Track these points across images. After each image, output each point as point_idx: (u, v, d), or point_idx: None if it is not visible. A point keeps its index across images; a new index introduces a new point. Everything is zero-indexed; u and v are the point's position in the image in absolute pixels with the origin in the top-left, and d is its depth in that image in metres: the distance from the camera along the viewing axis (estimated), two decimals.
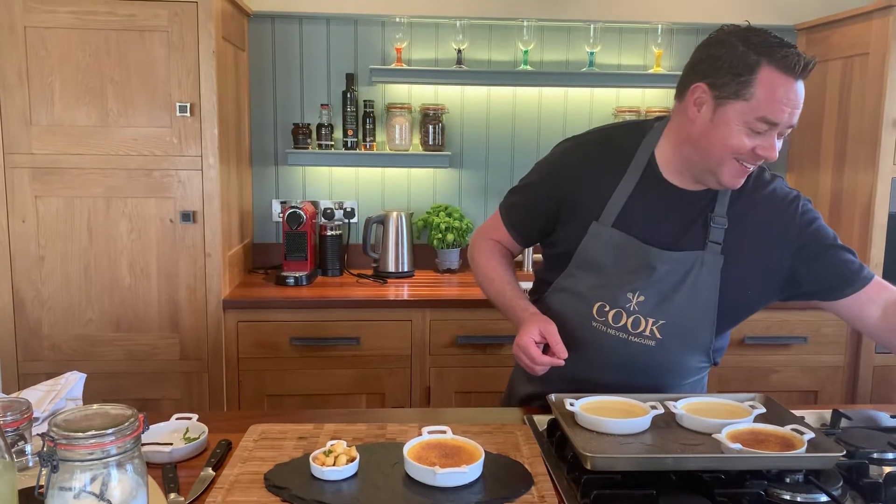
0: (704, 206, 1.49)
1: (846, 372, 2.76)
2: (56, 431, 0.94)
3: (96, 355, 2.57)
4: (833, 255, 1.49)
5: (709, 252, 1.47)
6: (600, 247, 1.51)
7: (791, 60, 1.33)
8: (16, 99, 2.45)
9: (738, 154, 1.39)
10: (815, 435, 1.27)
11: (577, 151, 1.60)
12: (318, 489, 1.19)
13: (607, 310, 1.50)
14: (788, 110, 1.34)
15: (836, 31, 2.91)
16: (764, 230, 1.49)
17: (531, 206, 1.63)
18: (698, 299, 1.48)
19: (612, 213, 1.50)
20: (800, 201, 1.52)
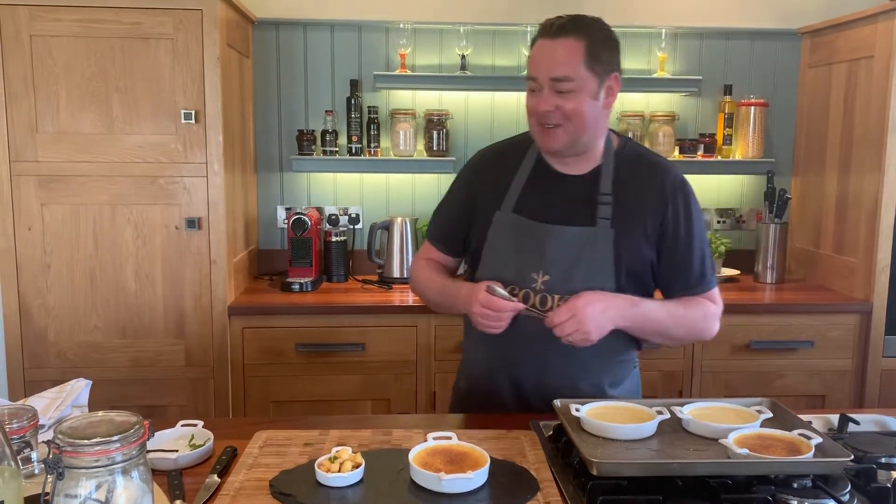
0: (591, 187, 1.61)
1: (853, 376, 2.75)
2: (62, 439, 0.94)
3: (102, 362, 2.57)
4: (687, 257, 1.62)
5: (599, 227, 1.58)
6: (503, 232, 1.63)
7: (546, 24, 1.56)
8: (21, 107, 2.46)
9: (530, 113, 1.59)
10: (823, 440, 1.27)
11: (479, 158, 1.77)
12: (324, 495, 1.19)
13: (516, 292, 1.59)
14: (542, 63, 1.54)
15: (841, 34, 2.91)
16: (645, 203, 1.61)
17: (448, 216, 1.78)
18: (596, 272, 1.58)
19: (511, 201, 1.64)
20: (684, 189, 1.65)
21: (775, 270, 3.05)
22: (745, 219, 3.31)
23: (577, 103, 1.53)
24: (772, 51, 3.23)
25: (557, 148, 1.58)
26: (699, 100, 3.24)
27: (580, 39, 1.52)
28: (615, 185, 1.60)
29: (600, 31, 1.57)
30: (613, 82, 1.58)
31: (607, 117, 1.63)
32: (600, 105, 1.57)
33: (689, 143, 3.15)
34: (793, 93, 3.24)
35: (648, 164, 1.66)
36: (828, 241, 3.01)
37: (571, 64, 1.51)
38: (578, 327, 1.47)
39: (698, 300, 1.64)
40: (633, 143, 1.72)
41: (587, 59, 1.52)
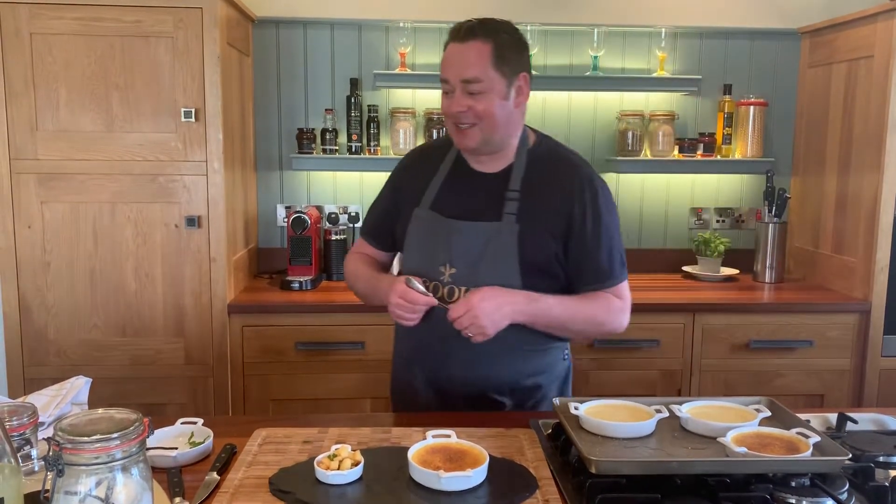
0: (501, 184, 1.66)
1: (852, 376, 2.75)
2: (62, 436, 0.94)
3: (102, 360, 2.57)
4: (594, 253, 1.65)
5: (504, 223, 1.62)
6: (418, 227, 1.70)
7: (455, 28, 1.62)
8: (21, 105, 2.46)
9: (445, 114, 1.64)
10: (821, 438, 1.27)
11: (407, 158, 1.87)
12: (323, 493, 1.19)
13: (427, 284, 1.64)
14: (453, 66, 1.60)
15: (841, 34, 2.91)
16: (552, 198, 1.65)
17: (377, 212, 1.85)
18: (501, 266, 1.61)
19: (429, 198, 1.70)
20: (592, 186, 1.67)
21: (774, 270, 3.06)
22: (744, 218, 3.31)
23: (488, 104, 1.58)
24: (771, 50, 3.23)
25: (472, 146, 1.63)
26: (699, 99, 3.24)
27: (487, 42, 1.58)
28: (524, 182, 1.65)
29: (507, 33, 1.62)
30: (523, 82, 1.63)
31: (521, 116, 1.68)
32: (511, 105, 1.62)
33: (689, 142, 3.15)
34: (792, 92, 3.24)
35: (558, 161, 1.71)
36: (827, 240, 3.01)
37: (479, 66, 1.57)
38: (473, 321, 1.51)
39: (602, 295, 1.67)
40: (550, 140, 1.76)
41: (494, 60, 1.57)
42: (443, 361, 1.68)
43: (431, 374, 1.71)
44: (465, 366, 1.67)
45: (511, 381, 1.69)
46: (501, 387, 1.69)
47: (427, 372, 1.72)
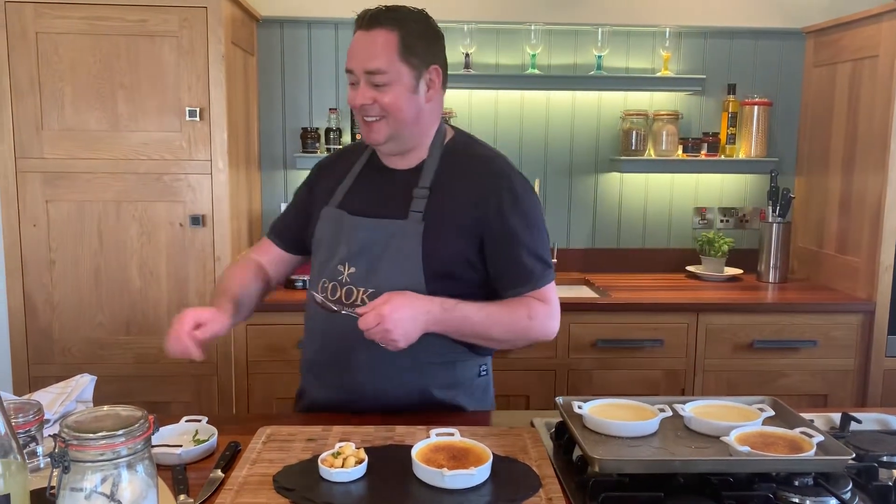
0: (413, 181, 1.58)
1: (856, 376, 2.75)
2: (67, 432, 0.94)
3: (107, 358, 2.58)
4: (515, 254, 1.55)
5: (409, 221, 1.53)
6: (324, 226, 1.63)
7: (360, 15, 1.52)
8: (27, 104, 2.47)
9: (351, 106, 1.55)
10: (824, 438, 1.27)
11: (325, 158, 1.81)
12: (327, 491, 1.20)
13: (326, 285, 1.57)
14: (357, 56, 1.51)
15: (846, 33, 2.91)
16: (462, 197, 1.55)
17: (288, 212, 1.78)
18: (401, 264, 1.52)
19: (338, 197, 1.63)
20: (509, 183, 1.56)
21: (778, 270, 3.05)
22: (748, 218, 3.31)
23: (394, 96, 1.49)
24: (776, 50, 3.23)
25: (380, 140, 1.54)
26: (703, 99, 3.24)
27: (393, 31, 1.48)
28: (435, 179, 1.56)
29: (417, 22, 1.52)
30: (434, 75, 1.54)
31: (436, 111, 1.58)
32: (421, 99, 1.52)
33: (693, 141, 3.15)
34: (797, 92, 3.24)
35: (472, 157, 1.60)
36: (831, 240, 3.01)
37: (385, 56, 1.47)
38: (384, 334, 1.39)
39: (524, 300, 1.55)
40: (467, 136, 1.67)
41: (401, 50, 1.48)
42: (349, 369, 1.56)
43: (338, 381, 1.59)
44: (373, 375, 1.55)
45: (420, 393, 1.58)
46: (411, 398, 1.58)
47: (333, 378, 1.60)
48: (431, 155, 1.59)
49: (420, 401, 1.58)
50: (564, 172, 3.26)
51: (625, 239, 3.31)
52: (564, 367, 2.69)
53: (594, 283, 3.05)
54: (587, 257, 3.29)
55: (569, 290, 3.12)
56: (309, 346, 1.67)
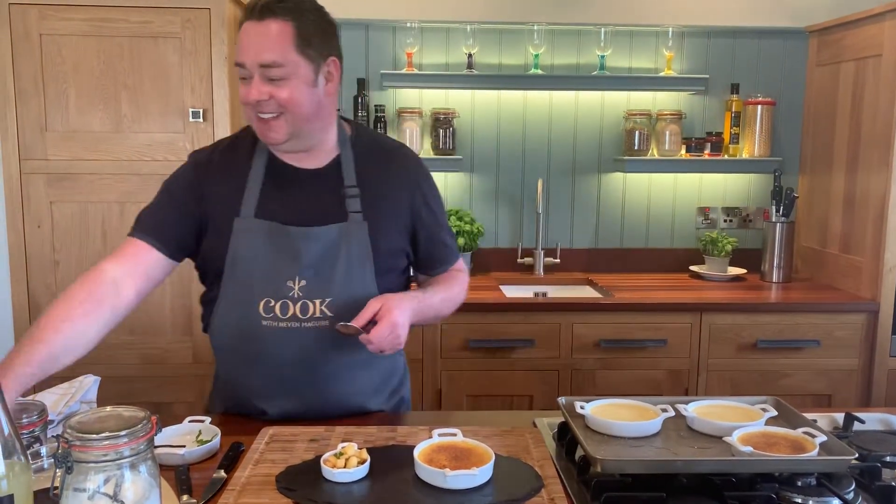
0: (333, 181, 1.53)
1: (860, 376, 2.74)
2: (71, 433, 0.95)
3: (110, 359, 2.59)
4: (440, 234, 1.64)
5: (352, 221, 1.50)
6: (249, 241, 1.48)
7: (250, 6, 1.42)
8: (31, 106, 2.48)
9: (244, 103, 1.44)
10: (827, 438, 1.27)
11: (201, 157, 1.58)
12: (329, 491, 1.20)
13: (273, 304, 1.47)
14: (250, 49, 1.40)
15: (849, 32, 2.90)
16: (393, 191, 1.57)
17: (167, 213, 1.54)
18: (355, 268, 1.50)
19: (251, 205, 1.49)
20: (422, 170, 1.63)
21: (782, 269, 3.05)
22: (751, 217, 3.31)
23: (292, 90, 1.41)
24: (779, 49, 3.23)
25: (280, 139, 1.45)
26: (706, 98, 3.24)
27: (288, 21, 1.39)
28: (358, 176, 1.53)
29: (311, 12, 1.44)
30: (332, 67, 1.48)
31: (334, 104, 1.53)
32: (321, 92, 1.46)
33: (696, 141, 3.15)
34: (800, 91, 3.23)
35: (387, 151, 1.62)
36: (835, 240, 3.00)
37: (280, 48, 1.39)
38: (395, 340, 1.41)
39: (455, 275, 1.67)
40: (365, 128, 1.67)
41: (297, 42, 1.40)
42: (314, 382, 1.52)
43: (300, 396, 1.53)
44: (338, 383, 1.54)
45: (375, 391, 1.61)
46: (367, 399, 1.60)
47: (294, 395, 1.53)
48: (344, 151, 1.55)
49: (375, 402, 1.61)
50: (567, 172, 3.26)
51: (628, 239, 3.31)
52: (568, 367, 2.69)
53: (597, 283, 3.05)
54: (590, 257, 3.29)
55: (572, 290, 3.13)
56: (255, 369, 1.53)
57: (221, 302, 1.52)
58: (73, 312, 1.38)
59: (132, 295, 1.48)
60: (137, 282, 1.48)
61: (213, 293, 1.55)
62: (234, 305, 1.51)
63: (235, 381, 1.59)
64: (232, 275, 1.50)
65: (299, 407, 1.54)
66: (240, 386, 1.58)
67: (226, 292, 1.51)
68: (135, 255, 1.49)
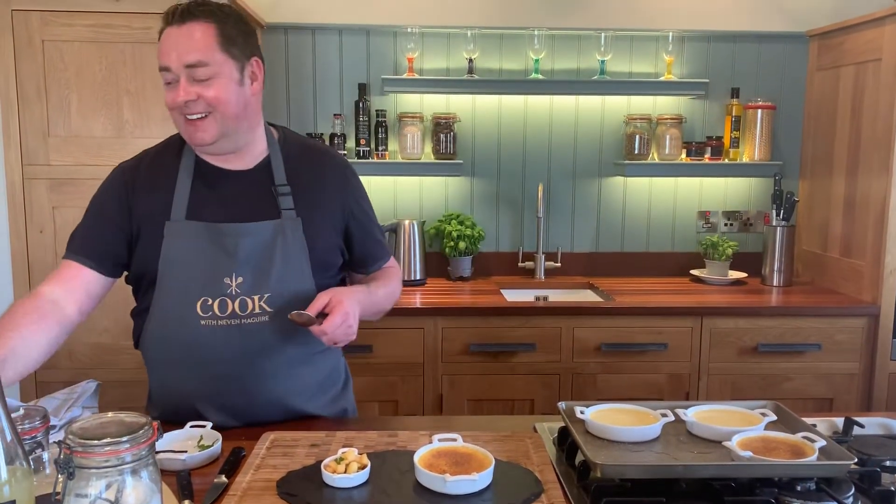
0: (264, 180, 1.55)
1: (861, 379, 2.74)
2: (72, 439, 0.95)
3: (112, 364, 2.59)
4: (373, 231, 1.69)
5: (286, 218, 1.52)
6: (182, 243, 1.48)
7: (169, 12, 1.44)
8: (34, 111, 2.49)
9: (171, 107, 1.45)
10: (827, 443, 1.27)
11: (127, 168, 1.58)
12: (330, 496, 1.20)
13: (210, 303, 1.47)
14: (173, 51, 1.41)
15: (849, 37, 2.91)
16: (324, 190, 1.60)
17: (97, 230, 1.53)
18: (292, 263, 1.52)
19: (181, 209, 1.50)
20: (349, 169, 1.68)
21: (782, 273, 3.05)
22: (752, 221, 3.31)
23: (219, 89, 1.42)
24: (779, 53, 3.23)
25: (209, 140, 1.46)
26: (706, 102, 3.24)
27: (210, 22, 1.42)
28: (289, 176, 1.55)
29: (230, 15, 1.47)
30: (256, 68, 1.50)
31: (259, 105, 1.54)
32: (247, 91, 1.48)
33: (697, 145, 3.15)
34: (800, 95, 3.24)
35: (315, 151, 1.65)
36: (835, 243, 3.00)
37: (205, 48, 1.41)
38: (347, 332, 1.45)
39: (391, 271, 1.73)
40: (292, 132, 1.67)
41: (221, 41, 1.43)
42: (258, 378, 1.52)
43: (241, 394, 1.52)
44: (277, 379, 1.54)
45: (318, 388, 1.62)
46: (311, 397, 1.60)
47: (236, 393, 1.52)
48: (273, 152, 1.57)
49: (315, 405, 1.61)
50: (568, 177, 3.26)
51: (629, 243, 3.31)
52: (569, 371, 2.69)
53: (598, 287, 3.05)
54: (591, 261, 3.29)
55: (573, 294, 3.13)
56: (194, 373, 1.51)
57: (155, 309, 1.51)
58: (19, 323, 1.38)
59: (74, 313, 1.48)
60: (78, 300, 1.49)
61: (146, 304, 1.54)
62: (169, 310, 1.49)
63: (172, 390, 1.56)
64: (166, 279, 1.49)
65: (239, 409, 1.53)
66: (177, 394, 1.55)
67: (160, 298, 1.50)
68: (72, 277, 1.50)
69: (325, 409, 1.64)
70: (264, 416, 1.55)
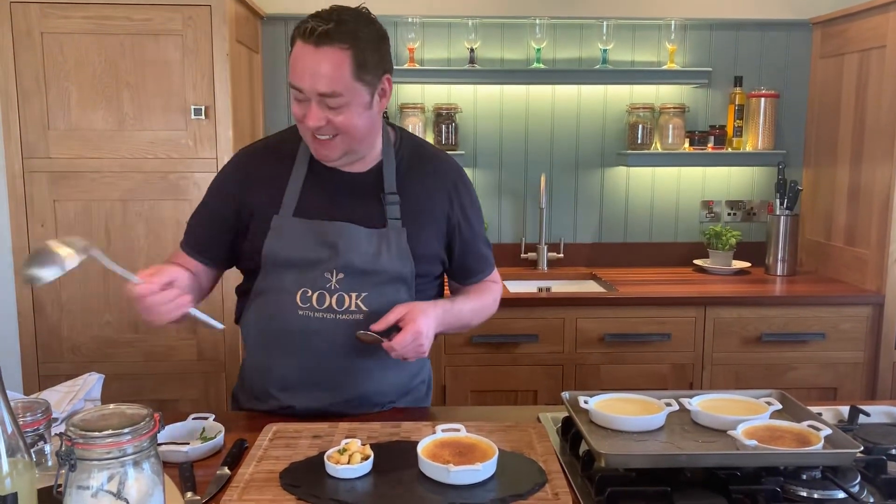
0: (374, 186, 1.56)
1: (865, 368, 2.73)
2: (74, 431, 0.95)
3: (115, 356, 2.59)
4: (476, 245, 1.66)
5: (391, 228, 1.53)
6: (287, 237, 1.52)
7: (305, 27, 1.40)
8: (33, 104, 2.48)
9: (300, 123, 1.46)
10: (832, 431, 1.26)
11: (242, 160, 1.62)
12: (333, 487, 1.20)
13: (310, 294, 1.51)
14: (307, 75, 1.39)
15: (853, 24, 2.89)
16: (432, 199, 1.59)
17: (210, 223, 1.61)
18: (393, 269, 1.53)
19: (290, 205, 1.53)
20: (462, 180, 1.65)
21: (786, 262, 3.04)
22: (755, 211, 3.30)
23: (348, 116, 1.42)
24: (782, 41, 3.21)
25: (335, 157, 1.49)
26: (709, 91, 3.23)
27: (345, 48, 1.38)
28: (399, 183, 1.56)
29: (365, 31, 1.42)
30: (386, 84, 1.49)
31: (381, 115, 1.55)
32: (375, 111, 1.48)
33: (700, 135, 3.14)
34: (804, 84, 3.22)
35: (428, 158, 1.63)
36: (839, 232, 2.99)
37: (339, 78, 1.39)
38: (418, 349, 1.45)
39: (488, 286, 1.69)
40: (409, 134, 1.66)
41: (355, 69, 1.40)
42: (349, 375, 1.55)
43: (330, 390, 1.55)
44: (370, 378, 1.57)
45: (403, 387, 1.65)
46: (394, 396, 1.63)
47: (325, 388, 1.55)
48: (386, 158, 1.57)
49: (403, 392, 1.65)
50: (570, 167, 3.25)
51: (632, 233, 3.30)
52: (572, 361, 2.69)
53: (601, 278, 3.05)
54: (594, 252, 3.28)
55: (576, 284, 3.12)
56: (287, 360, 1.56)
57: (256, 293, 1.56)
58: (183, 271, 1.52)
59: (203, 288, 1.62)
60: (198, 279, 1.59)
61: (248, 285, 1.59)
62: (269, 296, 1.54)
63: (265, 373, 1.60)
64: (272, 267, 1.53)
65: (326, 401, 1.56)
66: (268, 379, 1.59)
67: (265, 285, 1.55)
68: (185, 264, 1.58)
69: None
70: (348, 410, 1.57)
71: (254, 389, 1.63)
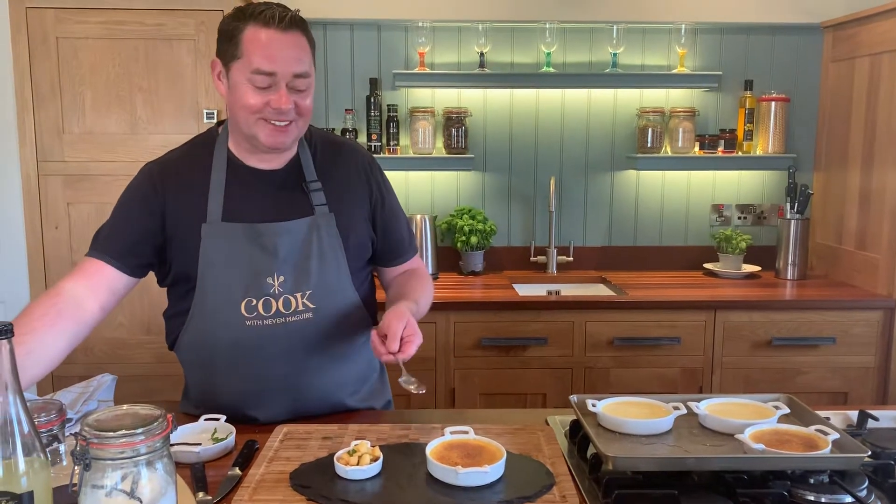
0: (295, 179, 1.56)
1: (876, 373, 2.72)
2: (88, 431, 0.96)
3: (127, 358, 2.62)
4: (398, 223, 1.69)
5: (319, 215, 1.53)
6: (220, 245, 1.48)
7: (266, 14, 1.42)
8: (49, 109, 2.51)
9: (258, 112, 1.44)
10: (840, 435, 1.26)
11: (155, 174, 1.55)
12: (342, 488, 1.21)
13: (255, 303, 1.48)
14: (279, 58, 1.41)
15: (864, 28, 2.88)
16: (352, 183, 1.61)
17: (126, 230, 1.51)
18: (329, 258, 1.54)
19: (216, 211, 1.49)
20: (374, 162, 1.68)
21: (797, 266, 3.03)
22: (766, 215, 3.29)
23: (309, 99, 1.48)
24: (793, 45, 3.21)
25: (288, 143, 1.50)
26: (719, 95, 3.22)
27: (303, 33, 1.46)
28: (318, 171, 1.57)
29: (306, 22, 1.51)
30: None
31: None
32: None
33: (710, 138, 3.14)
34: (815, 87, 3.21)
35: (340, 145, 1.66)
36: (850, 236, 2.98)
37: (308, 59, 1.46)
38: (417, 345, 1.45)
39: (422, 272, 1.73)
40: (314, 127, 1.66)
41: (312, 53, 1.49)
42: (303, 374, 1.54)
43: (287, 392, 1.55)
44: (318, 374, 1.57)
45: (358, 377, 1.67)
46: (348, 384, 1.64)
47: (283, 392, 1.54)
48: (302, 150, 1.58)
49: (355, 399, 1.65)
50: (580, 170, 3.26)
51: (641, 237, 3.30)
52: (581, 365, 2.69)
53: (611, 281, 3.05)
54: (604, 255, 3.28)
55: (585, 287, 3.12)
56: (239, 374, 1.53)
57: (196, 311, 1.51)
58: (35, 326, 1.34)
59: (96, 309, 1.45)
60: (100, 297, 1.46)
61: (183, 306, 1.53)
62: (212, 312, 1.49)
63: (214, 389, 1.57)
64: (207, 281, 1.49)
65: (284, 406, 1.55)
66: (218, 393, 1.56)
67: (201, 300, 1.50)
68: (94, 274, 1.47)
69: (365, 401, 1.68)
70: (308, 412, 1.57)
71: (206, 407, 1.58)
